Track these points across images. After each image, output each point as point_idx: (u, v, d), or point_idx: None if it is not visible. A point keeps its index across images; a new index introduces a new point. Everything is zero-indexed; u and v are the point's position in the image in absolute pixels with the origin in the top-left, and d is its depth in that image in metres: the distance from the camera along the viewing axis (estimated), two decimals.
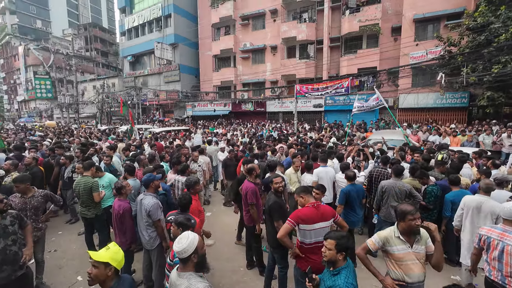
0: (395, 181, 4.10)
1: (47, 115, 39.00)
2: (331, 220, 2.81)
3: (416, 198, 4.01)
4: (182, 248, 1.77)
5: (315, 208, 2.76)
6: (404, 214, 2.28)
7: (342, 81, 12.61)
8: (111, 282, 1.84)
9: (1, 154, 6.96)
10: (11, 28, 47.59)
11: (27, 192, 3.54)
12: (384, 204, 4.18)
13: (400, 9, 16.60)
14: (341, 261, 2.05)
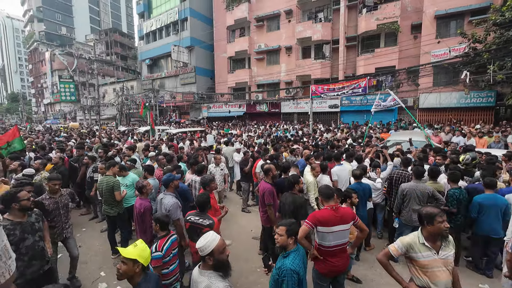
0: (417, 184, 3.96)
1: (70, 117, 40.92)
2: (351, 223, 2.74)
3: (439, 201, 3.86)
4: (201, 246, 1.82)
5: (333, 211, 2.71)
6: (431, 217, 2.17)
7: (359, 81, 12.31)
8: (139, 278, 1.91)
9: (31, 153, 7.38)
10: (38, 35, 50.49)
11: (57, 191, 3.65)
12: (405, 208, 4.05)
13: (420, 6, 16.04)
14: (292, 245, 2.29)
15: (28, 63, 57.24)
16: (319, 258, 2.76)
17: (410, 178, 4.39)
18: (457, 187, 4.01)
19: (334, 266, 2.73)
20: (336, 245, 2.69)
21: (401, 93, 16.42)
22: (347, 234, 2.75)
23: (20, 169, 4.86)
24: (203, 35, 27.74)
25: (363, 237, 2.97)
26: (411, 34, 16.90)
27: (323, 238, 2.70)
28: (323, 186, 2.93)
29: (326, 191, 2.82)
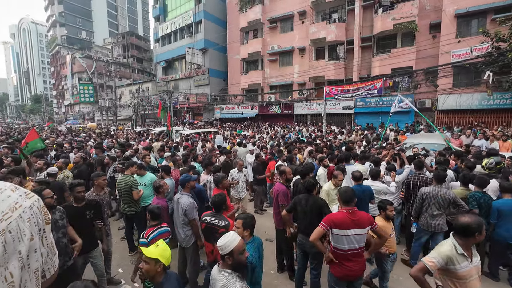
0: (438, 188, 3.82)
1: (89, 117, 42.41)
2: (368, 227, 2.68)
3: (462, 207, 3.72)
4: (221, 245, 1.85)
5: (349, 214, 2.66)
6: (472, 231, 2.00)
7: (374, 82, 12.07)
8: (160, 277, 1.95)
9: (53, 152, 7.71)
10: (60, 39, 52.81)
11: (101, 190, 3.71)
12: (424, 212, 3.92)
13: (440, 4, 15.55)
14: (248, 237, 2.48)
15: (51, 66, 59.97)
16: (334, 262, 2.73)
17: (429, 181, 4.26)
18: (479, 190, 3.85)
19: (350, 270, 2.69)
20: (352, 249, 2.65)
21: (419, 95, 15.97)
22: (363, 238, 2.70)
23: (45, 167, 5.08)
24: (217, 37, 28.08)
25: (381, 243, 2.90)
26: (429, 34, 16.40)
27: (338, 241, 2.67)
28: (343, 189, 2.87)
29: (346, 194, 2.76)
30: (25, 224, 0.59)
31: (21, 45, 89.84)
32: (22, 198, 0.61)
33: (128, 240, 4.62)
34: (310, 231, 2.84)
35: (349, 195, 2.76)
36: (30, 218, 0.61)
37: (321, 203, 3.30)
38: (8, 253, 0.54)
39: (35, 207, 0.63)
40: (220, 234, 2.93)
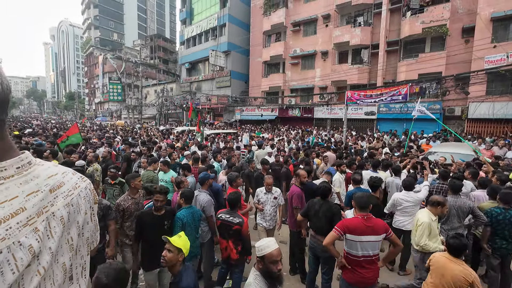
0: (455, 199, 3.67)
1: (116, 115, 44.69)
2: (383, 235, 2.66)
3: (480, 218, 3.54)
4: (257, 246, 1.94)
5: (364, 220, 2.66)
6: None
7: (399, 88, 11.66)
8: (180, 267, 2.11)
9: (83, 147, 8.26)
10: (94, 41, 56.23)
11: (136, 192, 3.48)
12: (442, 225, 3.72)
13: (474, 7, 14.75)
14: (183, 204, 3.22)
15: (84, 66, 64.07)
16: (347, 267, 2.73)
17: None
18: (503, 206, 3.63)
19: (362, 277, 2.68)
20: (365, 256, 2.64)
21: (448, 102, 15.22)
22: (377, 245, 2.68)
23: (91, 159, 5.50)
24: (240, 40, 28.53)
25: (396, 252, 2.86)
26: (461, 38, 15.60)
27: (351, 247, 2.67)
28: (359, 194, 2.87)
29: (362, 200, 2.76)
30: (82, 201, 0.74)
31: (59, 46, 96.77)
32: (80, 180, 0.76)
33: None
34: (321, 235, 2.87)
35: (365, 200, 2.75)
36: (85, 196, 0.76)
37: (334, 211, 3.31)
38: (70, 222, 0.69)
39: (87, 189, 0.78)
40: (234, 231, 3.05)
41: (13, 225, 0.54)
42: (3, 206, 0.54)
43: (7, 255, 0.52)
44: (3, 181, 0.57)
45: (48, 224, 0.62)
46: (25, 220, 0.57)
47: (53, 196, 0.65)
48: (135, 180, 3.46)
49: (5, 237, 0.52)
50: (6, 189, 0.57)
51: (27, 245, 0.56)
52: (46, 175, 0.67)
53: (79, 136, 6.95)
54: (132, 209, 3.36)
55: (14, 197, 0.57)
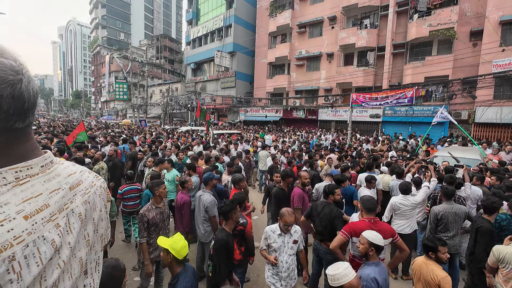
0: (450, 205, 3.62)
1: (122, 114, 45.11)
2: (389, 239, 2.65)
3: None
4: (333, 274, 1.82)
5: (370, 223, 2.66)
6: None
7: (405, 91, 11.59)
8: (178, 268, 2.07)
9: (89, 145, 8.36)
10: (101, 40, 56.86)
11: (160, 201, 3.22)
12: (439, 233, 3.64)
13: (482, 10, 14.58)
14: None
15: (91, 65, 64.82)
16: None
17: (457, 197, 4.06)
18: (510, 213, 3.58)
19: None
20: None
21: (454, 106, 15.07)
22: (384, 249, 2.67)
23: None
24: (245, 41, 28.62)
25: (402, 257, 2.81)
26: (469, 42, 15.43)
27: (357, 250, 2.66)
28: (366, 197, 2.86)
29: (369, 204, 2.75)
30: (97, 199, 0.78)
31: (67, 45, 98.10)
32: (95, 179, 0.80)
33: None
34: (323, 238, 2.86)
35: (373, 203, 2.74)
36: (100, 194, 0.80)
37: (335, 215, 3.30)
38: (87, 218, 0.73)
39: (102, 187, 0.82)
40: (238, 231, 3.07)
41: (38, 220, 0.58)
42: (30, 202, 0.58)
43: (32, 248, 0.55)
44: (29, 178, 0.60)
45: (68, 220, 0.65)
46: (48, 216, 0.60)
47: (72, 194, 0.69)
48: (159, 187, 3.14)
49: (31, 232, 0.55)
50: (32, 186, 0.60)
51: (50, 240, 0.59)
52: (66, 173, 0.71)
53: (85, 134, 7.04)
54: (158, 219, 3.09)
55: (39, 194, 0.60)
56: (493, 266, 2.66)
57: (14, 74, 0.56)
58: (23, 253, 0.53)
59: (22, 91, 0.57)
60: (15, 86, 0.56)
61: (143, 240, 3.01)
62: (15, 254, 0.52)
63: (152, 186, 3.18)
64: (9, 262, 0.50)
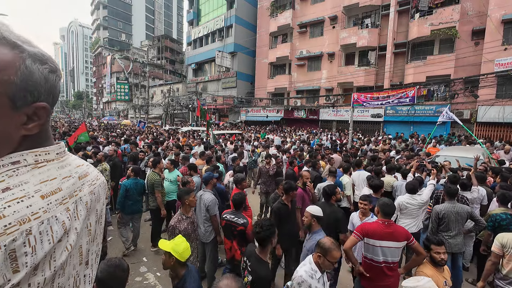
0: (453, 204, 3.58)
1: (123, 114, 45.22)
2: (404, 242, 2.60)
3: (479, 223, 3.52)
4: (416, 286, 1.80)
5: (384, 225, 2.61)
6: None
7: (406, 90, 11.53)
8: (182, 271, 2.05)
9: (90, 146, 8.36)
10: (103, 41, 57.04)
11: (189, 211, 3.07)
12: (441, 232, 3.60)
13: (484, 9, 14.52)
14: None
15: (93, 66, 65.06)
16: (365, 275, 2.69)
17: (460, 196, 4.02)
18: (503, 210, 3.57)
19: (382, 284, 2.63)
20: (385, 262, 2.59)
21: (456, 105, 15.00)
22: (397, 252, 2.62)
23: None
24: (246, 41, 28.63)
25: (419, 260, 2.64)
26: (471, 41, 15.36)
27: (371, 252, 2.64)
28: (386, 201, 2.76)
29: (387, 209, 2.68)
30: (101, 191, 0.82)
31: (69, 46, 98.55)
32: (99, 174, 0.85)
33: (153, 235, 4.76)
34: None
35: (390, 209, 2.68)
36: (103, 188, 0.84)
37: (338, 216, 3.29)
38: (91, 208, 0.75)
39: (104, 183, 0.86)
40: (239, 231, 3.06)
41: (52, 201, 0.62)
42: (46, 184, 0.62)
43: (46, 226, 0.58)
44: (46, 163, 0.65)
45: (76, 207, 0.69)
46: (60, 199, 0.64)
47: (81, 183, 0.73)
48: (189, 196, 3.02)
49: (47, 210, 0.59)
50: (48, 170, 0.65)
51: (61, 221, 0.63)
52: (76, 164, 0.76)
53: (86, 135, 7.06)
54: (190, 230, 2.99)
55: (53, 178, 0.65)
56: (499, 253, 2.81)
57: (54, 63, 0.65)
58: (38, 229, 0.56)
59: (59, 80, 0.66)
60: (56, 73, 0.65)
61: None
62: (32, 229, 0.55)
63: (181, 194, 3.03)
64: (26, 236, 0.54)
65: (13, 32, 0.59)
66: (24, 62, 0.58)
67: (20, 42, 0.59)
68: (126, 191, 4.30)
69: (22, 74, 0.57)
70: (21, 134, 0.61)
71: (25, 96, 0.59)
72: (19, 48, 0.58)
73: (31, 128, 0.62)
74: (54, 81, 0.64)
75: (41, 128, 0.64)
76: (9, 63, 0.56)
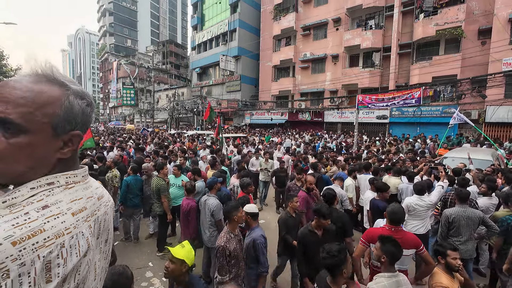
0: (463, 209, 3.49)
1: (129, 119, 45.76)
2: (413, 250, 2.54)
3: (492, 228, 3.38)
4: None
5: (391, 231, 2.56)
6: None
7: (412, 91, 11.42)
8: (186, 277, 2.04)
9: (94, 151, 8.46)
10: (109, 47, 57.99)
11: (236, 227, 2.78)
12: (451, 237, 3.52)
13: (491, 8, 14.33)
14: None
15: (99, 72, 66.15)
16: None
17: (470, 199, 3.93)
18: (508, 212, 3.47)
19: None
20: None
21: (464, 105, 14.77)
22: (406, 260, 2.57)
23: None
24: (250, 45, 28.78)
25: (428, 271, 2.51)
26: (478, 40, 15.15)
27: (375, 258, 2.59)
28: (396, 209, 2.67)
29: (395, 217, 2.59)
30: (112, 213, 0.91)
31: (76, 53, 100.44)
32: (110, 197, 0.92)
33: (159, 240, 4.76)
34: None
35: (399, 217, 2.61)
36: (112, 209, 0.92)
37: (345, 220, 3.25)
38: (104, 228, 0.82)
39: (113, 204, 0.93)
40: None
41: (80, 218, 0.69)
42: (75, 203, 0.70)
43: (75, 240, 0.65)
44: (74, 184, 0.73)
45: (94, 225, 0.75)
46: (85, 217, 0.71)
47: (99, 203, 0.80)
48: (237, 211, 2.71)
49: (76, 226, 0.66)
50: (76, 191, 0.72)
51: (86, 237, 0.69)
52: (95, 186, 0.83)
53: (92, 140, 7.15)
54: (239, 250, 2.67)
55: (80, 198, 0.72)
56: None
57: (90, 98, 0.77)
58: (69, 243, 0.63)
59: (92, 111, 0.78)
60: (91, 106, 0.77)
61: (225, 278, 2.57)
62: (65, 242, 0.62)
63: (229, 210, 2.71)
64: (60, 248, 0.60)
65: (61, 73, 0.71)
66: (68, 98, 0.69)
67: (67, 82, 0.71)
68: (127, 186, 4.85)
69: (65, 107, 0.68)
70: (57, 157, 0.69)
71: (65, 125, 0.69)
72: (66, 86, 0.70)
73: (65, 153, 0.71)
74: (89, 113, 0.76)
75: (72, 152, 0.73)
76: (57, 99, 0.67)
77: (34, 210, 0.61)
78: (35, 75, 0.67)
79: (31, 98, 0.63)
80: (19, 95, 0.62)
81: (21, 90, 0.63)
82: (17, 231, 0.55)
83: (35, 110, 0.63)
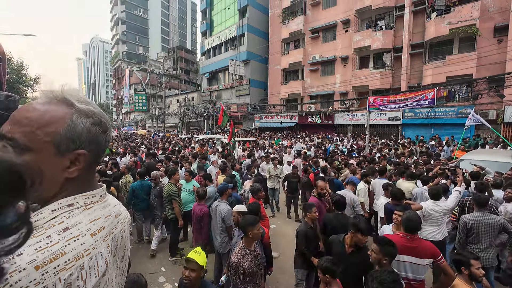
0: (482, 215, 3.33)
1: (141, 124, 46.74)
2: (429, 259, 2.45)
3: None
4: None
5: (406, 239, 2.48)
6: None
7: (425, 92, 11.12)
8: (199, 282, 2.10)
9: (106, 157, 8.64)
10: (121, 55, 59.69)
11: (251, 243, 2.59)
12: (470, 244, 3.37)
13: (507, 4, 13.88)
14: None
15: (113, 78, 68.07)
16: None
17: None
18: None
19: None
20: (405, 278, 2.45)
21: (481, 106, 14.29)
22: (419, 270, 2.46)
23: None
24: (259, 49, 28.94)
25: (447, 281, 2.35)
26: (494, 38, 14.67)
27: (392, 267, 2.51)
28: (411, 216, 2.60)
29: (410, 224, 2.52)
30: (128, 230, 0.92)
31: (91, 61, 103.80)
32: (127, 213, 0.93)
33: (171, 245, 4.79)
34: None
35: (415, 224, 2.53)
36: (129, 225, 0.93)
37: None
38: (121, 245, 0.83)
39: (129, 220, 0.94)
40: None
41: (98, 239, 0.70)
42: (94, 223, 0.71)
43: (94, 261, 0.66)
44: (93, 205, 0.74)
45: (111, 243, 0.76)
46: (104, 236, 0.73)
47: (117, 221, 0.82)
48: (253, 227, 2.50)
49: (95, 247, 0.68)
50: (94, 211, 0.74)
51: (104, 256, 0.71)
52: (113, 204, 0.85)
53: (106, 147, 7.33)
54: (254, 266, 2.48)
55: (98, 217, 0.74)
56: None
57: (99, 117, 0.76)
58: (88, 264, 0.64)
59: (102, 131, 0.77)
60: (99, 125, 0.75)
61: None
62: (84, 264, 0.63)
63: (244, 225, 2.53)
64: (80, 270, 0.62)
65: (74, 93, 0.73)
66: (72, 117, 0.69)
67: (76, 102, 0.71)
68: (133, 192, 5.00)
69: (67, 126, 0.68)
70: (64, 177, 0.69)
71: (68, 144, 0.68)
72: (72, 106, 0.70)
73: (71, 172, 0.70)
74: (97, 131, 0.74)
75: (81, 172, 0.72)
76: (60, 118, 0.68)
77: (55, 233, 0.62)
78: (48, 97, 0.69)
79: (34, 118, 0.65)
80: (23, 115, 0.65)
81: (28, 111, 0.66)
82: (40, 255, 0.56)
83: (37, 129, 0.64)
